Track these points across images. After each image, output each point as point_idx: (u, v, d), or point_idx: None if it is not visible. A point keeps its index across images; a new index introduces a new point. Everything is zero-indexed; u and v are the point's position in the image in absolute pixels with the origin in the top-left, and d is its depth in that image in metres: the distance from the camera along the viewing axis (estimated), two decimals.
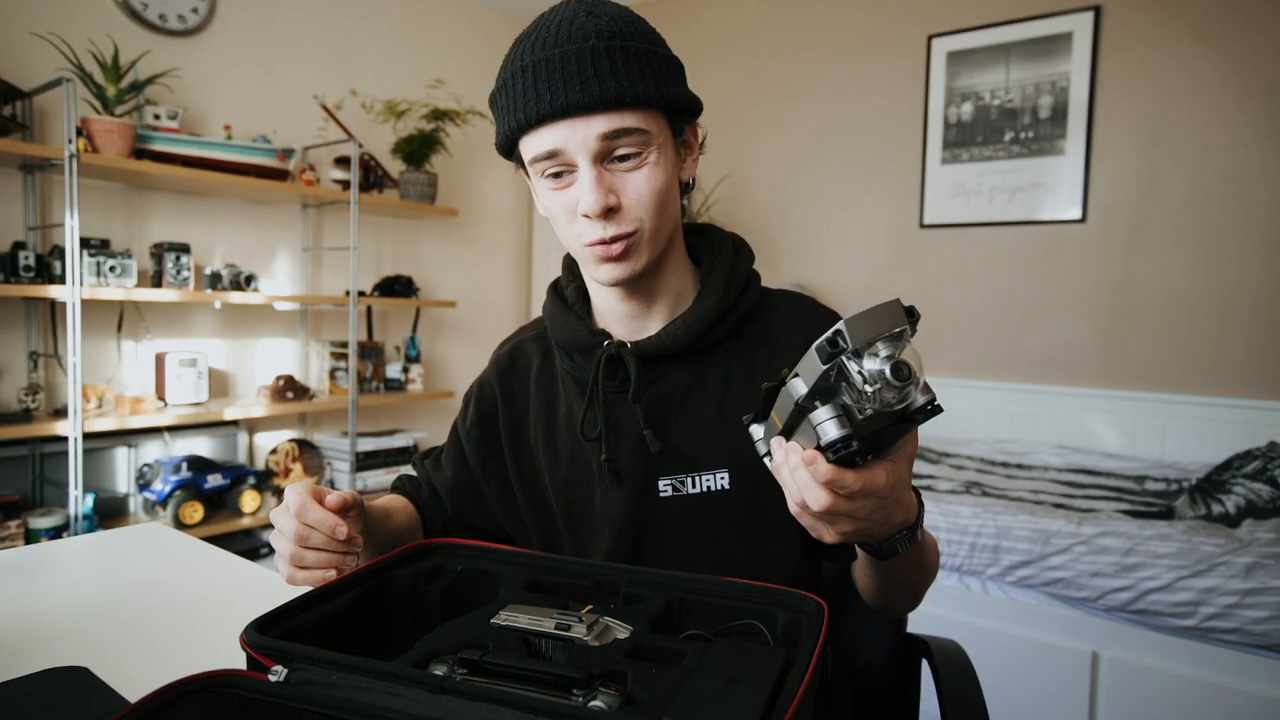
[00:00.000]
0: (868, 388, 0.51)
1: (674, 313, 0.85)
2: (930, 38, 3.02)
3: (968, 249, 2.99)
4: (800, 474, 0.57)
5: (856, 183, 3.24)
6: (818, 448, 0.55)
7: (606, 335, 0.85)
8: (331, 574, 0.71)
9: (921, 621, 2.04)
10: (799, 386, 0.55)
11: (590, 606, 0.63)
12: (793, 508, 0.62)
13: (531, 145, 0.75)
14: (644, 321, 0.85)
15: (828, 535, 0.62)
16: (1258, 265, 2.48)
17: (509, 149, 0.80)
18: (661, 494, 0.83)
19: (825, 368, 0.52)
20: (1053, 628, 1.93)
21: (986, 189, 2.92)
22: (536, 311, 4.39)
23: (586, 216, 0.75)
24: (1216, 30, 2.52)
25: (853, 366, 0.52)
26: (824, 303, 0.93)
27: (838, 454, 0.54)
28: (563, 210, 0.77)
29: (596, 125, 0.72)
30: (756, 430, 0.65)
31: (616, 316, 0.86)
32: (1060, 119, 2.76)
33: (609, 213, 0.74)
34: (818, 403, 0.55)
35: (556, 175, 0.76)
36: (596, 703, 0.50)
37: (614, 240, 0.75)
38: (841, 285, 3.27)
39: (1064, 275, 2.80)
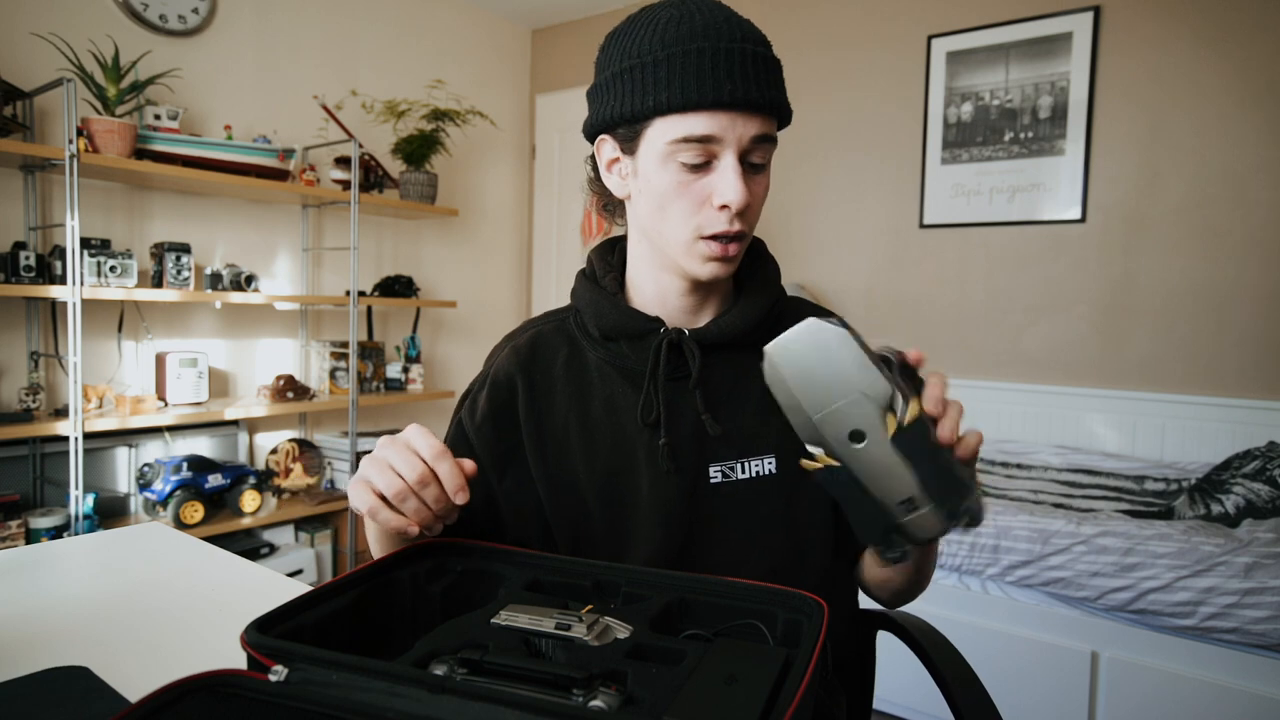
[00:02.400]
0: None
1: (720, 308, 0.89)
2: (930, 38, 3.02)
3: (968, 249, 2.99)
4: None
5: (856, 183, 3.24)
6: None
7: (662, 322, 0.86)
8: (415, 529, 0.67)
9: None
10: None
11: (590, 606, 0.63)
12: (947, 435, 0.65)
13: (685, 125, 0.76)
14: (697, 315, 0.88)
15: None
16: (1257, 265, 2.48)
17: (635, 120, 0.79)
18: (712, 480, 0.84)
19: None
20: (1052, 627, 1.93)
21: (986, 189, 2.92)
22: (537, 311, 4.37)
23: (724, 208, 0.77)
24: (1216, 30, 2.52)
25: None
26: (824, 304, 0.95)
27: None
28: (690, 197, 0.78)
29: (753, 126, 0.76)
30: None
31: (670, 308, 0.88)
32: (1060, 119, 2.76)
33: (743, 209, 0.78)
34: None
35: (695, 162, 0.77)
36: (596, 703, 0.50)
37: (734, 237, 0.79)
38: (841, 285, 3.27)
39: (1064, 275, 2.80)
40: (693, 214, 0.78)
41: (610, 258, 0.94)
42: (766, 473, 0.84)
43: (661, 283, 0.87)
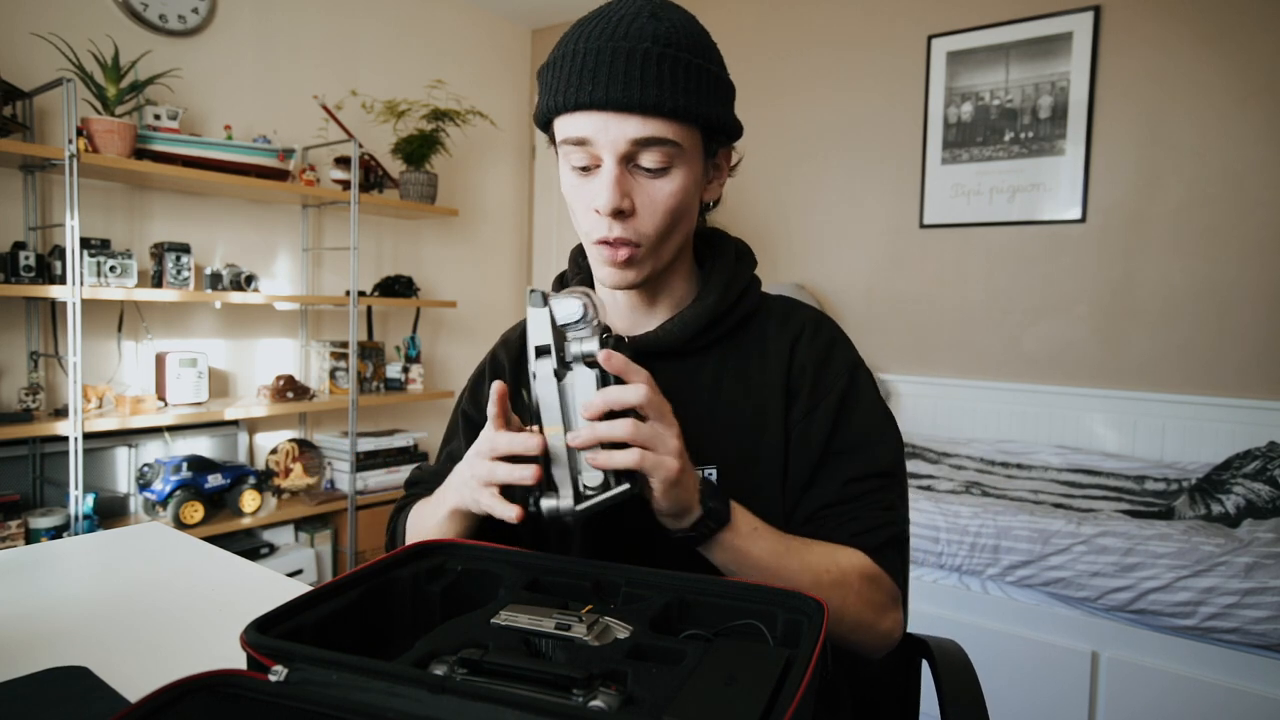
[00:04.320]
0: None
1: (676, 308, 0.87)
2: (930, 38, 3.02)
3: (968, 249, 2.99)
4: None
5: (856, 183, 3.24)
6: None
7: (607, 329, 0.85)
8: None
9: (921, 621, 2.04)
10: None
11: (590, 606, 0.63)
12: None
13: (565, 128, 0.76)
14: (645, 318, 0.87)
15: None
16: (1258, 265, 2.48)
17: (545, 123, 0.81)
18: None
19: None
20: (1053, 628, 1.93)
21: (986, 189, 2.92)
22: None
23: (598, 213, 0.76)
24: (1216, 30, 2.52)
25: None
26: (824, 303, 0.94)
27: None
28: (582, 201, 0.78)
29: (630, 128, 0.73)
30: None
31: (620, 311, 0.88)
32: (1060, 119, 2.76)
33: (619, 214, 0.75)
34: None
35: (583, 167, 0.76)
36: (596, 703, 0.50)
37: (618, 244, 0.76)
38: (841, 285, 3.27)
39: (1064, 275, 2.80)
40: (584, 218, 0.78)
41: (582, 260, 0.94)
42: None
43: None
